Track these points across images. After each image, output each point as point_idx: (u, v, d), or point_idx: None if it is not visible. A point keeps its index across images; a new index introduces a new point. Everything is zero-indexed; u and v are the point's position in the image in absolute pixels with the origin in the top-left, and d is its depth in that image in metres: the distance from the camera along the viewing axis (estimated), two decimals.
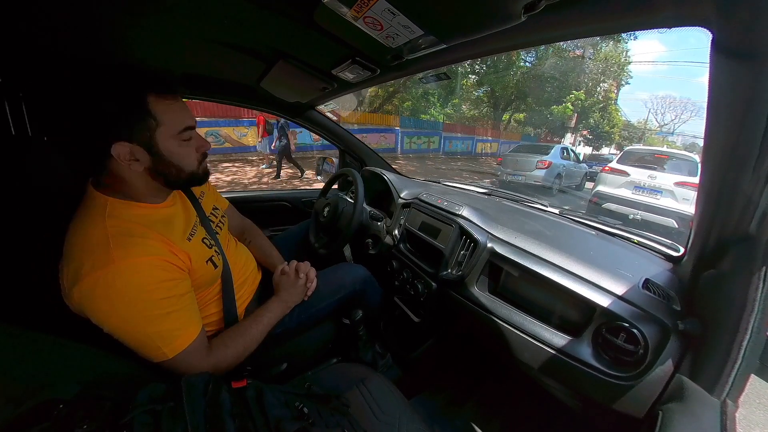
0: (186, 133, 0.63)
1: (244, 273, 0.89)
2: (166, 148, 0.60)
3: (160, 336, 0.57)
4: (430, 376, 1.23)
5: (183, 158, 0.64)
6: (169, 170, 0.62)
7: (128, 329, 0.55)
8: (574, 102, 15.82)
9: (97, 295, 0.52)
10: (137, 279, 0.54)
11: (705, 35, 0.42)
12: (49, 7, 0.59)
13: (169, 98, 0.59)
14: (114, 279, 0.52)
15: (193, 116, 0.65)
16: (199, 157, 0.68)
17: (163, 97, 0.58)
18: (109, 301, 0.53)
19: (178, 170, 0.64)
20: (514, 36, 0.61)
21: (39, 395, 0.41)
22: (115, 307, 0.53)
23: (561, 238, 0.90)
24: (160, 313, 0.56)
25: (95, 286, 0.52)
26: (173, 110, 0.60)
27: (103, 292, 0.52)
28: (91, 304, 0.53)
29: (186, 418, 0.45)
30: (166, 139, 0.59)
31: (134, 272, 0.54)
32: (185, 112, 0.63)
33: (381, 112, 12.66)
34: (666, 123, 31.43)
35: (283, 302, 0.84)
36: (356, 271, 1.09)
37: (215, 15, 0.66)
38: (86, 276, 0.51)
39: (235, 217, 1.08)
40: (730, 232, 0.47)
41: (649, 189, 4.39)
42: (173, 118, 0.60)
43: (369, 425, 0.65)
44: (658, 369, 0.56)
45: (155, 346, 0.56)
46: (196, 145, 0.66)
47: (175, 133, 0.61)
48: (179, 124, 0.61)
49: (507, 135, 19.18)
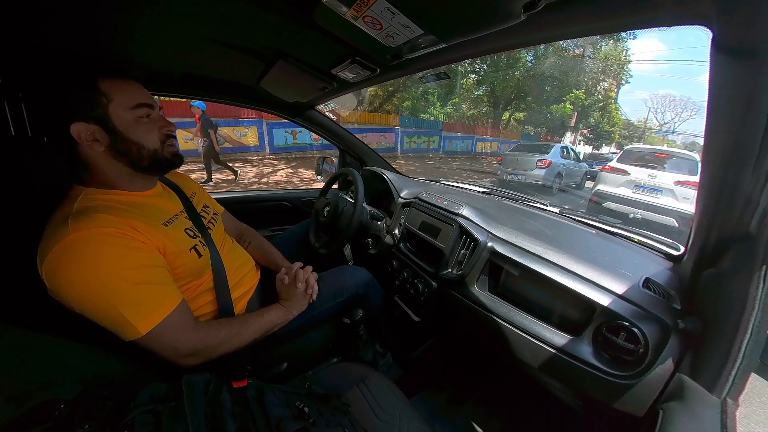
0: (141, 110, 0.64)
1: (241, 272, 0.89)
2: (121, 123, 0.61)
3: (130, 308, 0.54)
4: (430, 375, 1.23)
5: (141, 135, 0.64)
6: (128, 147, 0.63)
7: (95, 302, 0.53)
8: (574, 101, 15.82)
9: (59, 268, 0.52)
10: (94, 249, 0.53)
11: (705, 34, 0.42)
12: (48, 8, 0.59)
13: (119, 79, 0.62)
14: (71, 250, 0.52)
15: (151, 97, 0.67)
16: (162, 137, 0.67)
17: (112, 78, 0.61)
18: (69, 274, 0.52)
19: (138, 147, 0.64)
20: (514, 35, 0.61)
21: (40, 395, 0.41)
22: (78, 279, 0.52)
23: (561, 237, 0.90)
24: (125, 285, 0.55)
25: (56, 260, 0.52)
26: (123, 88, 0.62)
27: (63, 264, 0.52)
28: (55, 280, 0.52)
29: (187, 418, 0.45)
30: (120, 114, 0.61)
31: (91, 242, 0.53)
32: (140, 91, 0.65)
33: (381, 111, 12.66)
34: (666, 122, 31.44)
35: (285, 309, 0.84)
36: (359, 274, 1.09)
37: (214, 15, 0.66)
38: (47, 254, 0.52)
39: (231, 221, 1.09)
40: (731, 230, 0.47)
41: (650, 188, 4.39)
42: (124, 94, 0.62)
43: (369, 424, 0.65)
44: (659, 368, 0.56)
45: (125, 321, 0.54)
46: (159, 125, 0.67)
47: (128, 108, 0.62)
48: (132, 99, 0.63)
49: (507, 134, 19.18)
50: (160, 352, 0.59)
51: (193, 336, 0.63)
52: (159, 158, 0.67)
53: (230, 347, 0.68)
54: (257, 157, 8.71)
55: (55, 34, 0.70)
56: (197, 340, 0.63)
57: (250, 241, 1.07)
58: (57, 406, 0.40)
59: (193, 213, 0.80)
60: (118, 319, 0.55)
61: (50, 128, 0.62)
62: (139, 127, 0.64)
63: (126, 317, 0.54)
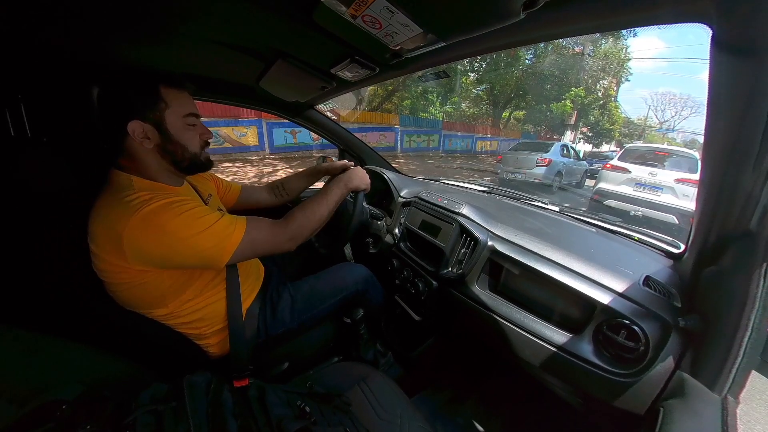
0: (191, 119, 0.72)
1: (248, 268, 0.91)
2: (173, 128, 0.70)
3: (209, 250, 0.65)
4: (431, 374, 1.23)
5: (188, 140, 0.72)
6: (175, 149, 0.71)
7: (182, 255, 0.63)
8: (573, 99, 15.77)
9: (142, 238, 0.59)
10: (182, 204, 0.64)
11: (705, 32, 0.41)
12: (47, 9, 0.59)
13: (176, 89, 0.71)
14: (165, 209, 0.61)
15: (197, 109, 0.75)
16: (202, 143, 0.76)
17: (171, 87, 0.70)
18: (169, 225, 0.61)
19: (183, 150, 0.72)
20: (513, 33, 0.61)
21: (42, 396, 0.41)
22: (177, 227, 0.61)
23: (561, 236, 0.90)
24: (199, 235, 0.63)
25: (137, 232, 0.59)
26: (180, 98, 0.71)
27: (144, 234, 0.59)
28: (146, 236, 0.60)
29: (188, 418, 0.45)
30: (173, 120, 0.69)
31: (178, 203, 0.64)
32: (191, 102, 0.74)
33: (380, 110, 12.63)
34: (666, 120, 31.38)
35: (342, 183, 0.93)
36: (358, 270, 1.09)
37: (213, 15, 0.66)
38: (136, 215, 0.59)
39: (257, 189, 1.19)
40: (731, 228, 0.47)
41: (650, 186, 4.43)
42: (180, 104, 0.70)
43: (371, 424, 0.65)
44: (659, 366, 0.57)
45: (211, 259, 0.66)
46: (200, 132, 0.76)
47: (181, 116, 0.71)
48: (185, 109, 0.71)
49: (507, 133, 19.14)
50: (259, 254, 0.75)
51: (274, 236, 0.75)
52: (197, 161, 0.75)
53: (312, 224, 0.81)
54: (257, 156, 8.70)
55: (53, 35, 0.70)
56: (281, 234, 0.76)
57: (283, 186, 1.18)
58: (59, 407, 0.40)
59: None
60: (206, 261, 0.66)
61: (107, 121, 0.69)
62: (186, 133, 0.72)
63: (210, 257, 0.65)
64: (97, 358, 0.57)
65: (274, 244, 0.75)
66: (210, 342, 0.79)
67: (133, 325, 0.68)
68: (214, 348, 0.80)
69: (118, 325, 0.67)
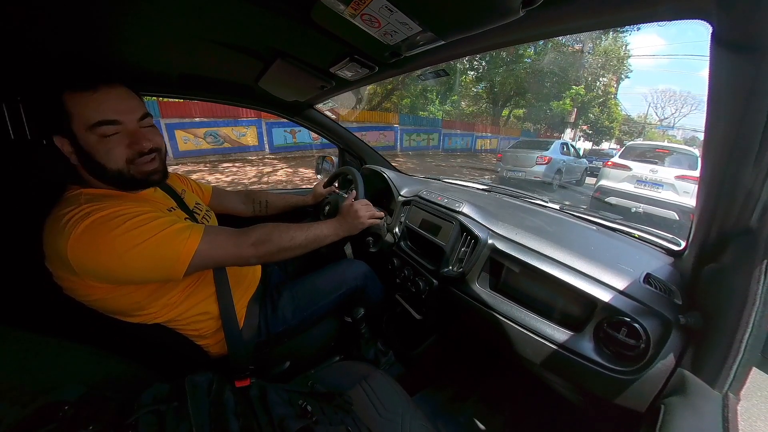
0: (102, 128, 0.59)
1: (244, 268, 0.89)
2: (83, 141, 0.59)
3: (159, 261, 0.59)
4: (432, 372, 1.23)
5: (102, 155, 0.60)
6: (92, 165, 0.61)
7: (133, 257, 0.56)
8: (573, 97, 15.74)
9: (91, 243, 0.54)
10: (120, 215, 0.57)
11: (705, 28, 0.41)
12: (46, 10, 0.59)
13: (87, 92, 0.58)
14: (100, 223, 0.55)
15: (120, 111, 0.61)
16: (130, 155, 0.62)
17: (76, 92, 0.58)
18: (95, 254, 0.54)
19: (101, 167, 0.61)
20: (513, 31, 0.61)
21: (45, 397, 0.42)
22: (104, 257, 0.54)
23: (561, 234, 0.90)
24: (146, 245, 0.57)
25: (79, 245, 0.53)
26: (87, 103, 0.58)
27: (94, 237, 0.54)
28: (87, 255, 0.54)
29: (190, 418, 0.45)
30: (81, 133, 0.58)
31: (116, 215, 0.57)
32: (105, 106, 0.59)
33: (380, 109, 12.61)
34: (666, 117, 31.35)
35: (336, 223, 0.89)
36: (357, 266, 1.09)
37: (212, 14, 0.66)
38: (73, 234, 0.53)
39: (229, 194, 1.12)
40: (731, 225, 0.47)
41: (651, 183, 4.47)
42: (85, 112, 0.58)
43: (372, 422, 0.65)
44: (660, 363, 0.57)
45: (164, 271, 0.60)
46: (127, 142, 0.62)
47: (87, 127, 0.58)
48: (91, 117, 0.58)
49: (506, 131, 19.12)
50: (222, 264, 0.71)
51: (236, 245, 0.69)
52: (125, 178, 0.63)
53: (283, 242, 0.75)
54: (257, 156, 8.70)
55: (51, 36, 0.69)
56: (243, 243, 0.69)
57: (266, 201, 1.12)
58: (61, 408, 0.40)
59: (186, 209, 0.81)
60: (160, 271, 0.60)
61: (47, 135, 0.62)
62: (100, 146, 0.59)
63: (162, 267, 0.60)
64: (99, 359, 0.57)
65: (236, 254, 0.69)
66: (210, 342, 0.79)
67: (134, 326, 0.68)
68: (214, 348, 0.80)
69: (119, 326, 0.67)
